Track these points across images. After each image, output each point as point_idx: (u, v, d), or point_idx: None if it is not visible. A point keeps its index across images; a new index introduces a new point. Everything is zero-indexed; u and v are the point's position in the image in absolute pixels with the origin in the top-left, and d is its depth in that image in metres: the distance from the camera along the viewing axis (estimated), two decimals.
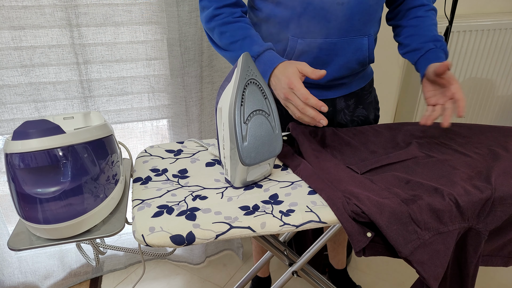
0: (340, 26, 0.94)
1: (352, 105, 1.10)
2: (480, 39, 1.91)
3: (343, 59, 0.99)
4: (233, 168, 0.78)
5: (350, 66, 1.01)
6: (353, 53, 0.99)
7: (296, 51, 0.98)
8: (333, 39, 0.96)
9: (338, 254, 1.52)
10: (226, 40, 0.92)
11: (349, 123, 1.12)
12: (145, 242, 0.67)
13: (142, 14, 1.27)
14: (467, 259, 0.78)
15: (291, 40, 0.97)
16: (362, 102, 1.12)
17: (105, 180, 0.70)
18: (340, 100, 1.09)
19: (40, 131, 0.62)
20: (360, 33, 0.97)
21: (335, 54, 0.98)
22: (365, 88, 1.13)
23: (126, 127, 1.46)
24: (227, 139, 0.77)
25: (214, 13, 0.93)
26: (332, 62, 0.99)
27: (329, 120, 1.10)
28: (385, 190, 0.76)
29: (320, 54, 0.98)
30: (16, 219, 1.44)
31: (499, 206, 0.75)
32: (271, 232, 0.70)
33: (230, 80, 0.77)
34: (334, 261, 1.54)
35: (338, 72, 1.02)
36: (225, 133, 0.77)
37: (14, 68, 1.22)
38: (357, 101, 1.11)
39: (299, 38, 0.96)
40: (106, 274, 1.65)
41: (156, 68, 1.37)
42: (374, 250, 0.74)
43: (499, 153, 0.90)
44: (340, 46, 0.97)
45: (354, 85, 1.09)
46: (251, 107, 0.76)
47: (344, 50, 0.98)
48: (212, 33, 0.96)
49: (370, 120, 1.15)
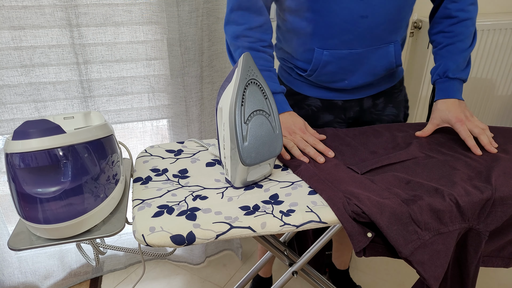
0: (364, 37, 0.95)
1: (381, 104, 1.10)
2: (480, 39, 1.91)
3: (368, 67, 1.00)
4: (234, 168, 0.78)
5: (376, 72, 1.02)
6: (379, 61, 1.00)
7: (322, 62, 0.99)
8: (357, 50, 0.96)
9: (343, 255, 1.51)
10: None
11: (378, 122, 1.12)
12: (146, 242, 0.67)
13: (142, 14, 1.27)
14: (467, 260, 0.78)
15: (317, 51, 0.98)
16: (392, 100, 1.12)
17: (105, 180, 0.70)
18: (368, 99, 1.09)
19: (40, 131, 0.62)
20: (385, 42, 0.97)
21: (360, 63, 0.99)
22: (396, 87, 1.12)
23: (126, 127, 1.46)
24: (227, 139, 0.77)
25: (244, 33, 0.94)
26: (358, 71, 1.00)
27: (355, 120, 1.12)
28: (385, 191, 0.76)
29: (345, 64, 0.99)
30: (16, 219, 1.44)
31: (500, 206, 0.75)
32: (271, 232, 0.70)
33: (230, 80, 0.77)
34: (338, 261, 1.54)
35: (363, 79, 1.03)
36: (225, 133, 0.77)
37: (14, 68, 1.22)
38: (386, 99, 1.11)
39: (324, 50, 0.97)
40: (106, 274, 1.65)
41: (156, 68, 1.37)
42: (375, 250, 0.74)
43: (499, 153, 0.90)
44: (365, 55, 0.98)
45: (383, 84, 1.09)
46: (251, 107, 0.76)
47: (369, 59, 0.98)
48: (234, 50, 0.97)
49: (399, 119, 1.14)
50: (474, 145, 0.91)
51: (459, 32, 1.00)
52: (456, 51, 1.00)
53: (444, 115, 0.98)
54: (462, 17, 1.00)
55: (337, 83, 1.04)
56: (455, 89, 0.99)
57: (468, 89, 2.06)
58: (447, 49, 1.01)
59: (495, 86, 2.11)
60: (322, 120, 1.10)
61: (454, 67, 0.99)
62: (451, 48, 1.01)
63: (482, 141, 0.91)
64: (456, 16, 1.00)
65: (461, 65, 1.00)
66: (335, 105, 1.09)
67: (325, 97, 1.08)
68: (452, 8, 1.00)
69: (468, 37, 1.01)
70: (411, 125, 1.07)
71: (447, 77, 1.00)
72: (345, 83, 1.03)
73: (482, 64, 2.00)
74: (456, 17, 1.00)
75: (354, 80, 1.02)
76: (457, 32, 1.00)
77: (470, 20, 1.00)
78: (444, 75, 1.00)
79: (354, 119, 1.12)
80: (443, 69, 1.00)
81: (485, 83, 2.07)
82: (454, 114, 0.96)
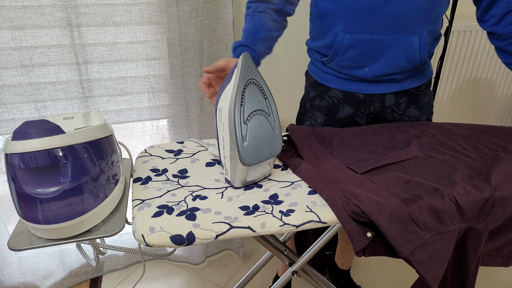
0: (387, 23, 0.95)
1: (403, 103, 1.10)
2: (480, 39, 1.91)
3: (391, 57, 1.00)
4: (233, 168, 0.78)
5: (399, 64, 1.02)
6: (402, 51, 0.99)
7: (344, 46, 1.00)
8: (379, 36, 0.97)
9: (347, 255, 1.51)
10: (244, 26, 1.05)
11: (397, 121, 1.11)
12: (145, 242, 0.67)
13: (142, 14, 1.27)
14: (467, 259, 0.78)
15: (339, 35, 1.00)
16: (415, 102, 1.11)
17: (105, 180, 0.70)
18: (390, 96, 1.09)
19: (40, 131, 0.62)
20: (410, 32, 0.97)
21: (382, 51, 0.99)
22: (421, 88, 1.11)
23: (126, 127, 1.46)
24: (227, 139, 0.77)
25: (248, 5, 1.05)
26: (380, 58, 1.01)
27: (375, 116, 1.11)
28: (385, 190, 0.76)
29: (367, 50, 1.00)
30: (16, 219, 1.44)
31: (499, 206, 0.75)
32: (271, 232, 0.70)
33: (230, 80, 0.77)
34: (341, 261, 1.54)
35: (385, 69, 1.02)
36: (225, 133, 0.77)
37: (14, 68, 1.22)
38: (410, 100, 1.10)
39: (346, 33, 0.99)
40: (106, 274, 1.65)
41: (156, 68, 1.37)
42: (374, 250, 0.74)
43: (499, 153, 0.90)
44: (388, 43, 0.98)
45: (407, 83, 1.09)
46: (251, 107, 0.76)
47: (391, 47, 0.99)
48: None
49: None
50: None
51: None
52: None
53: None
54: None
55: (358, 70, 1.04)
56: None
57: (468, 89, 2.06)
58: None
59: (495, 86, 2.10)
60: (342, 113, 1.11)
61: None
62: None
63: None
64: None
65: None
66: (357, 98, 1.09)
67: (346, 89, 1.09)
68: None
69: None
70: (411, 125, 1.07)
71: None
72: (366, 71, 1.03)
73: (482, 64, 2.00)
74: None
75: (375, 69, 1.02)
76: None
77: None
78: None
79: (374, 115, 1.11)
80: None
81: (485, 83, 2.07)
82: None
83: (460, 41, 1.88)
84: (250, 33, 1.00)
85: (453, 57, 1.93)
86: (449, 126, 1.07)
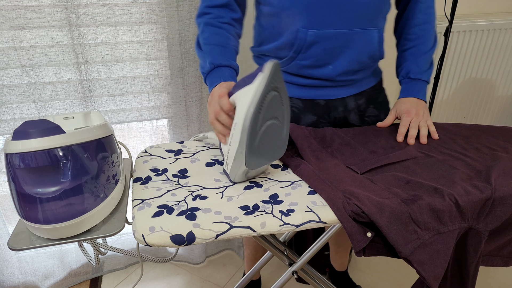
0: (352, 16, 0.94)
1: (363, 104, 1.10)
2: (480, 39, 1.91)
3: (354, 52, 0.99)
4: (236, 166, 0.79)
5: (361, 59, 1.01)
6: (364, 46, 0.99)
7: (307, 43, 0.96)
8: (343, 30, 0.95)
9: (341, 257, 1.51)
10: (202, 40, 0.96)
11: (360, 123, 1.11)
12: (145, 242, 0.67)
13: (142, 14, 1.27)
14: (467, 259, 0.78)
15: (301, 32, 0.95)
16: (373, 101, 1.12)
17: (105, 180, 0.70)
18: (351, 99, 1.08)
19: (40, 131, 0.62)
20: (371, 25, 0.97)
21: (346, 46, 0.98)
22: (376, 87, 1.12)
23: (126, 127, 1.46)
24: (236, 140, 0.76)
25: (204, 11, 0.97)
26: (343, 54, 0.99)
27: (341, 120, 1.11)
28: (385, 190, 0.76)
29: (331, 46, 0.97)
30: (16, 219, 1.44)
31: (499, 206, 0.75)
32: (271, 232, 0.70)
33: (252, 82, 0.75)
34: (336, 263, 1.54)
35: (349, 65, 1.01)
36: (235, 133, 0.76)
37: (14, 68, 1.22)
38: (368, 100, 1.11)
39: (309, 30, 0.95)
40: (106, 274, 1.65)
41: (156, 68, 1.37)
42: (374, 250, 0.74)
43: (499, 153, 0.90)
44: (351, 38, 0.97)
45: (364, 83, 1.09)
46: (267, 115, 0.76)
47: (354, 42, 0.97)
48: (199, 29, 0.98)
49: (381, 120, 1.14)
50: (401, 133, 0.99)
51: (420, 35, 1.06)
52: (418, 54, 1.06)
53: (399, 107, 1.05)
54: (423, 20, 1.05)
55: (320, 69, 1.01)
56: (416, 89, 1.06)
57: (468, 89, 2.06)
58: (410, 52, 1.07)
59: (495, 86, 2.10)
60: (304, 122, 1.07)
61: (416, 69, 1.05)
62: (413, 51, 1.06)
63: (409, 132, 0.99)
64: (419, 18, 1.05)
65: (423, 66, 1.06)
66: (318, 105, 1.06)
67: (306, 97, 1.06)
68: (417, 9, 1.05)
69: (429, 38, 1.06)
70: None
71: (409, 77, 1.06)
72: (329, 69, 1.01)
73: (482, 64, 2.00)
74: (419, 18, 1.05)
75: (338, 66, 1.00)
76: (419, 35, 1.06)
77: (430, 23, 1.06)
78: (406, 76, 1.07)
79: (340, 120, 1.10)
80: (406, 71, 1.07)
81: (485, 83, 2.07)
82: (407, 107, 1.03)
83: (460, 41, 1.88)
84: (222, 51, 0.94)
85: (453, 57, 1.93)
86: (449, 126, 1.07)
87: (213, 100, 0.84)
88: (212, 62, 0.92)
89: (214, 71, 0.92)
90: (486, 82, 2.07)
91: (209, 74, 0.93)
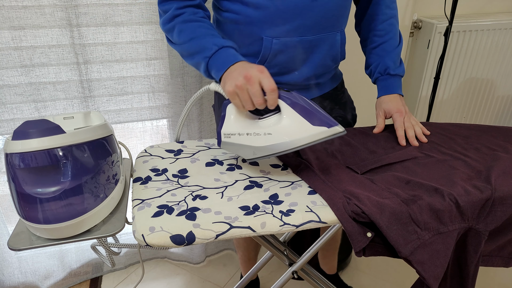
0: (316, 22, 0.93)
1: (328, 106, 1.10)
2: (480, 39, 1.91)
3: (319, 56, 0.98)
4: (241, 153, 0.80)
5: (325, 63, 1.01)
6: (328, 50, 0.99)
7: (272, 51, 0.95)
8: (308, 37, 0.94)
9: (330, 261, 1.51)
10: (185, 37, 0.88)
11: None
12: (145, 242, 0.67)
13: (142, 14, 1.27)
14: (467, 259, 0.78)
15: (266, 40, 0.93)
16: (337, 102, 1.12)
17: (105, 180, 0.70)
18: (316, 101, 1.08)
19: (40, 131, 0.62)
20: (334, 29, 0.97)
21: (311, 52, 0.97)
22: (338, 88, 1.13)
23: (126, 127, 1.46)
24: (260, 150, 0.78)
25: (175, 13, 0.89)
26: (308, 60, 0.98)
27: None
28: (385, 190, 0.76)
29: (296, 53, 0.96)
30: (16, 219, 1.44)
31: (499, 206, 0.75)
32: (271, 232, 0.70)
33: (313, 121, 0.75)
34: (327, 267, 1.53)
35: (314, 70, 1.01)
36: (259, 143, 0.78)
37: (14, 68, 1.22)
38: (332, 102, 1.11)
39: (274, 38, 0.93)
40: (106, 274, 1.65)
41: (156, 68, 1.37)
42: (374, 250, 0.74)
43: (499, 153, 0.90)
44: (316, 43, 0.96)
45: (327, 86, 1.09)
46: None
47: (319, 47, 0.97)
48: (171, 33, 0.91)
49: (348, 120, 1.15)
50: (401, 135, 0.98)
51: (389, 30, 1.06)
52: (390, 49, 1.05)
53: (387, 106, 1.03)
54: (390, 14, 1.05)
55: (287, 76, 1.00)
56: (396, 85, 1.05)
57: (468, 89, 2.06)
58: (382, 48, 1.06)
59: (495, 86, 2.10)
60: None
61: (392, 64, 1.04)
62: (385, 46, 1.06)
63: (407, 134, 0.98)
64: (385, 13, 1.05)
65: (396, 62, 1.06)
66: None
67: None
68: (382, 4, 1.05)
69: (396, 34, 1.07)
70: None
71: (388, 74, 1.05)
72: (295, 75, 1.00)
73: (482, 64, 2.00)
74: (385, 14, 1.05)
75: (304, 71, 1.00)
76: (388, 30, 1.06)
77: (395, 17, 1.07)
78: (385, 72, 1.05)
79: None
80: (383, 67, 1.05)
81: (485, 83, 2.07)
82: (395, 106, 1.02)
83: (460, 41, 1.88)
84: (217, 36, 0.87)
85: (453, 57, 1.93)
86: (449, 126, 1.07)
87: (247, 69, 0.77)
88: (215, 43, 0.84)
89: (220, 52, 0.84)
90: (486, 82, 2.07)
91: (215, 55, 0.84)
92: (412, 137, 0.97)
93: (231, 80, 0.77)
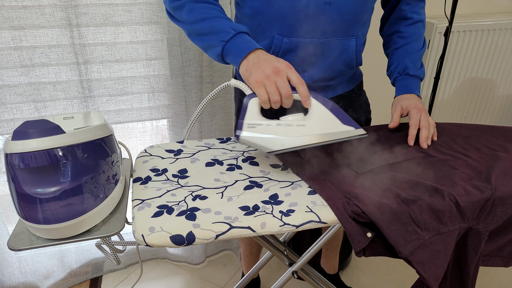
0: (327, 26, 0.92)
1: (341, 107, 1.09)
2: (480, 39, 1.91)
3: (329, 61, 0.98)
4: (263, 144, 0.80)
5: (337, 68, 1.00)
6: (340, 55, 0.98)
7: (282, 50, 0.95)
8: (320, 39, 0.94)
9: (331, 260, 1.51)
10: (196, 16, 0.86)
11: None
12: (145, 242, 0.67)
13: (142, 14, 1.27)
14: (467, 259, 0.78)
15: (277, 38, 0.94)
16: (351, 105, 1.11)
17: (105, 180, 0.70)
18: None
19: (40, 131, 0.62)
20: (348, 34, 0.96)
21: (321, 55, 0.96)
22: (354, 91, 1.12)
23: (126, 127, 1.46)
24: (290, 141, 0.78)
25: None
26: (318, 63, 0.98)
27: None
28: (385, 190, 0.76)
29: (306, 54, 0.96)
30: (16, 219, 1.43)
31: (499, 206, 0.75)
32: (271, 232, 0.70)
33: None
34: (327, 266, 1.53)
35: (324, 73, 1.00)
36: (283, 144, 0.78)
37: (14, 68, 1.22)
38: (346, 104, 1.10)
39: (284, 37, 0.94)
40: (106, 274, 1.65)
41: (156, 68, 1.37)
42: (374, 250, 0.74)
43: (499, 153, 0.90)
44: (327, 47, 0.95)
45: (341, 88, 1.08)
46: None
47: (330, 51, 0.96)
48: (179, 11, 0.88)
49: (361, 123, 1.13)
50: (412, 135, 0.96)
51: (413, 33, 1.06)
52: (412, 51, 1.06)
53: (405, 103, 1.01)
54: (416, 19, 1.06)
55: None
56: (414, 86, 1.04)
57: (468, 89, 2.06)
58: (404, 49, 1.06)
59: (495, 86, 2.10)
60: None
61: (412, 65, 1.04)
62: (408, 48, 1.06)
63: (421, 133, 0.95)
64: (411, 18, 1.06)
65: (417, 64, 1.06)
66: None
67: None
68: (407, 10, 1.06)
69: (420, 37, 1.07)
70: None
71: (407, 74, 1.05)
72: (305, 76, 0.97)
73: (482, 64, 2.00)
74: (411, 18, 1.06)
75: (314, 74, 0.99)
76: (412, 33, 1.06)
77: (422, 22, 1.08)
78: (404, 72, 1.05)
79: None
80: (403, 67, 1.05)
81: (485, 83, 2.07)
82: (414, 102, 1.00)
83: (460, 41, 1.88)
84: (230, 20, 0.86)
85: (453, 57, 1.93)
86: (449, 126, 1.07)
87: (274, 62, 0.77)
88: (233, 28, 0.82)
89: (238, 37, 0.82)
90: (486, 82, 2.07)
91: (233, 40, 0.82)
92: (424, 138, 0.94)
93: (258, 71, 0.77)
